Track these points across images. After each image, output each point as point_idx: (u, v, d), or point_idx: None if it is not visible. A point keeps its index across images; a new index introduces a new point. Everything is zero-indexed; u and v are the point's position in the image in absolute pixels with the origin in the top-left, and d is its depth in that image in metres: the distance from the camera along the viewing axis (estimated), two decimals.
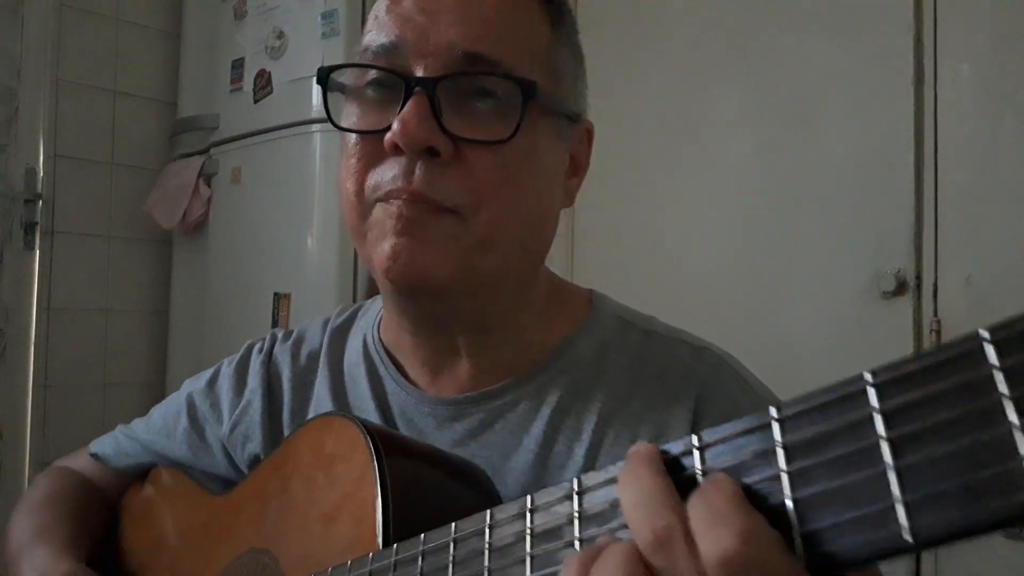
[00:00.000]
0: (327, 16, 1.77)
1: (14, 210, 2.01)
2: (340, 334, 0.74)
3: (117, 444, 0.83)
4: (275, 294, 1.84)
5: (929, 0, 1.40)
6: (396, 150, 0.55)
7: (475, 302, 0.59)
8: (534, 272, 0.63)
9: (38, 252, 2.02)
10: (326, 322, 0.76)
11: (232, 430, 0.73)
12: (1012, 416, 0.23)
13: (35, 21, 2.03)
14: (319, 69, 0.60)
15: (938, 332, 1.33)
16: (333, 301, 1.72)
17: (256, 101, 1.93)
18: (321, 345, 0.74)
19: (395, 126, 0.54)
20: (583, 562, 0.34)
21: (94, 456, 0.84)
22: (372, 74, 0.58)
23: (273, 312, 1.84)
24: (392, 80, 0.56)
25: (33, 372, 2.01)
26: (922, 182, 1.40)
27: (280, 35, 1.89)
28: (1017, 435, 0.23)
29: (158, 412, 0.82)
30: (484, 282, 0.58)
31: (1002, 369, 0.23)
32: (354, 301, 1.72)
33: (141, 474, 0.83)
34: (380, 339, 0.69)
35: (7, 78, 2.02)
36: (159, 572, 0.74)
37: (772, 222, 1.59)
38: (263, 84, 1.92)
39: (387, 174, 0.56)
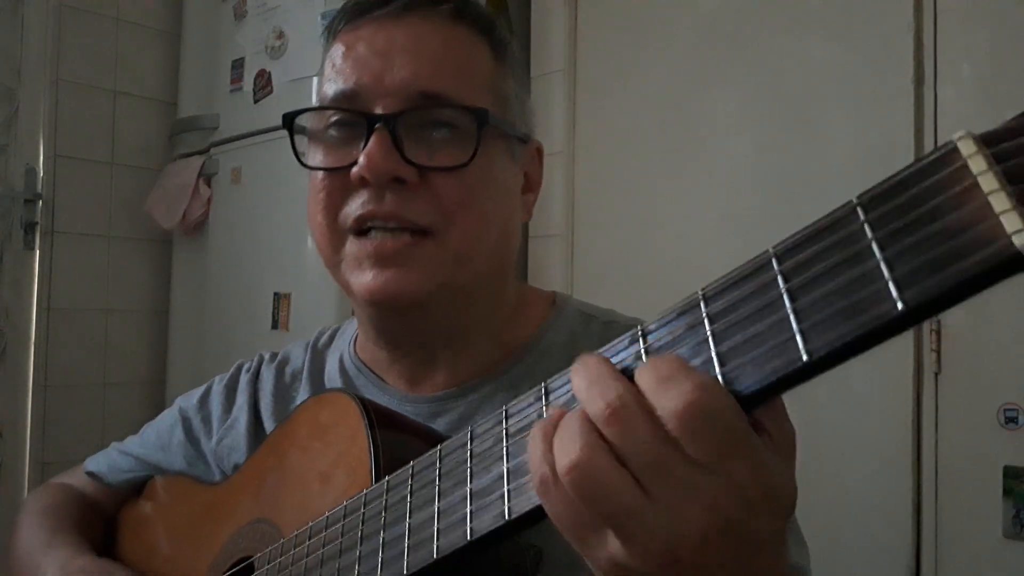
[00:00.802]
0: (327, 16, 1.77)
1: (14, 210, 2.01)
2: (320, 355, 0.79)
3: (112, 461, 0.86)
4: (275, 294, 1.84)
5: (929, 0, 1.40)
6: (363, 182, 0.59)
7: (453, 312, 0.64)
8: (503, 280, 0.68)
9: (38, 252, 2.02)
10: (307, 344, 0.81)
11: (219, 442, 0.78)
12: (876, 251, 0.30)
13: (35, 21, 2.03)
14: (284, 115, 0.65)
15: (938, 332, 1.33)
16: (333, 301, 1.72)
17: (256, 101, 1.93)
18: (303, 364, 0.78)
19: (361, 160, 0.58)
20: (544, 433, 0.36)
21: (90, 474, 0.86)
22: (333, 116, 0.63)
23: (273, 312, 1.84)
24: (353, 119, 0.61)
25: (33, 372, 2.01)
26: None
27: (280, 35, 1.89)
28: (882, 265, 0.29)
29: (151, 428, 0.85)
30: (461, 294, 0.63)
31: (867, 220, 0.30)
32: None
33: (137, 488, 0.84)
34: (357, 356, 0.74)
35: (7, 78, 2.02)
36: (162, 562, 0.75)
37: (772, 222, 1.59)
38: (263, 84, 1.92)
39: (355, 203, 0.60)
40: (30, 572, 0.74)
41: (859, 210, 0.31)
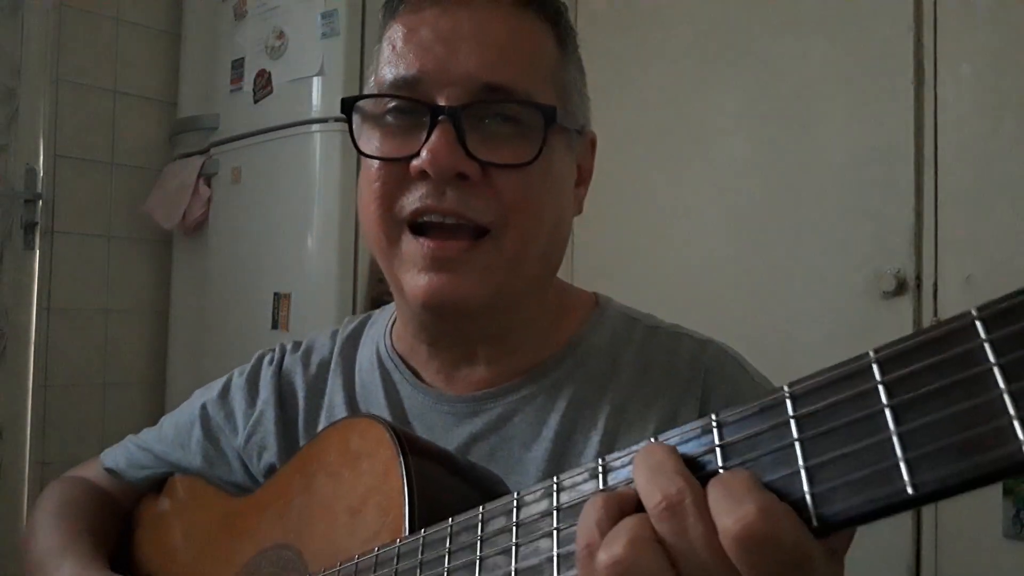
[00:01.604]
0: (327, 16, 1.77)
1: (14, 210, 2.01)
2: (351, 344, 0.76)
3: (130, 456, 0.83)
4: (275, 294, 1.84)
5: (929, 0, 1.40)
6: (424, 176, 0.57)
7: (502, 316, 0.62)
8: (551, 280, 0.67)
9: (38, 252, 2.02)
10: (334, 333, 0.78)
11: (247, 440, 0.75)
12: (1000, 382, 0.26)
13: (35, 21, 2.03)
14: (343, 100, 0.62)
15: None
16: (333, 301, 1.72)
17: (256, 101, 1.93)
18: (332, 354, 0.75)
19: (424, 155, 0.56)
20: (596, 518, 0.35)
21: (108, 471, 0.84)
22: (392, 102, 0.60)
23: (273, 312, 1.84)
24: (414, 108, 0.58)
25: (33, 372, 2.01)
26: (922, 182, 1.40)
27: (280, 35, 1.89)
28: (1006, 397, 0.26)
29: (169, 421, 0.82)
30: (514, 297, 0.61)
31: (990, 340, 0.27)
32: (353, 301, 1.72)
33: (156, 484, 0.83)
34: (393, 347, 0.71)
35: (7, 78, 2.01)
36: (179, 571, 0.74)
37: (772, 222, 1.59)
38: (263, 84, 1.92)
39: (414, 196, 0.58)
40: None
41: (978, 324, 0.27)
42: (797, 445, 0.31)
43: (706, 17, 1.70)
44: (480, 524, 0.43)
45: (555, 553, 0.38)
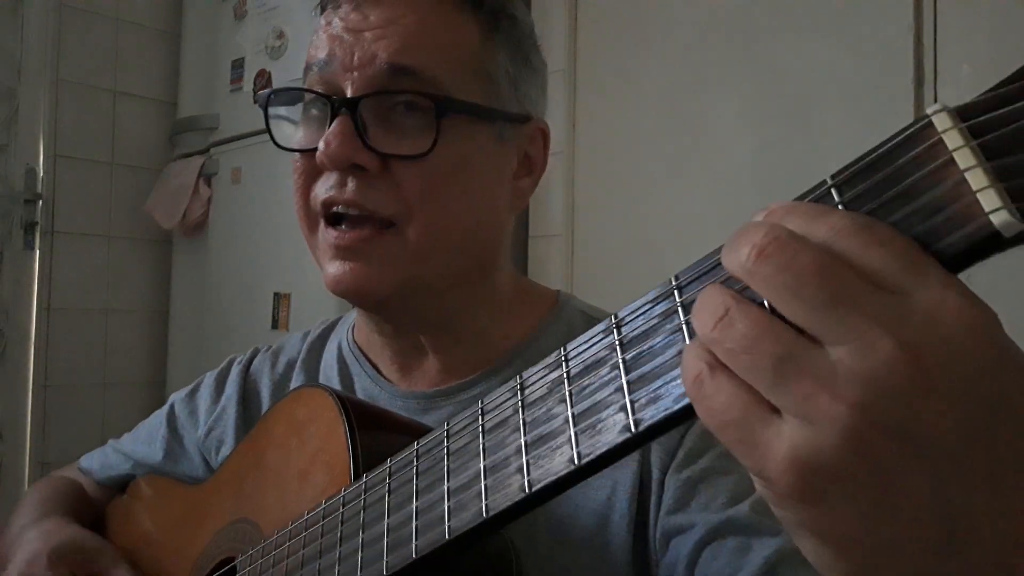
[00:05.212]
0: None
1: (14, 210, 2.01)
2: (319, 343, 0.77)
3: (104, 459, 0.86)
4: (275, 294, 1.84)
5: (929, 0, 1.40)
6: (326, 166, 0.58)
7: (423, 306, 0.62)
8: (482, 273, 0.65)
9: (38, 252, 2.02)
10: (306, 333, 0.80)
11: (207, 435, 0.77)
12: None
13: (35, 21, 2.03)
14: (259, 95, 0.65)
15: None
16: (333, 301, 1.71)
17: (256, 101, 1.93)
18: (299, 354, 0.77)
19: (320, 146, 0.57)
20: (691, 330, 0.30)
21: (82, 470, 0.87)
22: (308, 96, 0.61)
23: (273, 312, 1.84)
24: (319, 99, 0.60)
25: (33, 372, 2.01)
26: None
27: (280, 35, 1.89)
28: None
29: (144, 425, 0.85)
30: (427, 288, 0.61)
31: (842, 202, 0.29)
32: None
33: (123, 485, 0.85)
34: (354, 341, 0.73)
35: (7, 78, 2.02)
36: (145, 565, 0.75)
37: None
38: (263, 84, 1.92)
39: (323, 186, 0.59)
40: (16, 543, 0.73)
41: (833, 191, 0.30)
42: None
43: (706, 17, 1.70)
44: (416, 458, 0.44)
45: (482, 465, 0.39)
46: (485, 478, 0.39)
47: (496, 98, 0.62)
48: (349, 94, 0.58)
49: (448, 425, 0.43)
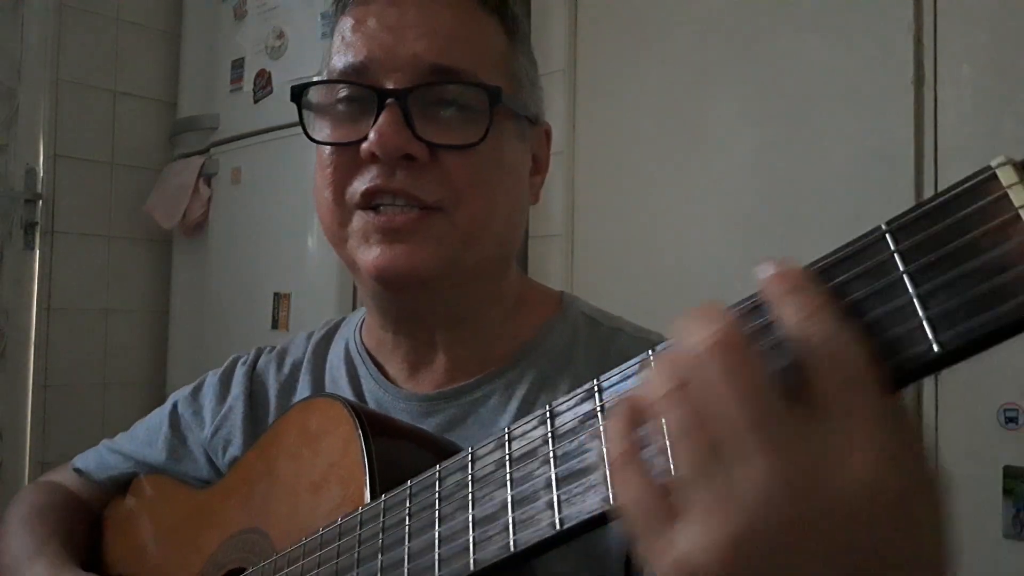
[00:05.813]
0: (327, 16, 1.77)
1: (14, 210, 2.01)
2: (323, 343, 0.77)
3: (100, 459, 0.85)
4: (275, 294, 1.84)
5: (929, 0, 1.40)
6: (373, 158, 0.58)
7: (456, 293, 0.63)
8: (506, 266, 0.67)
9: (38, 252, 2.02)
10: (311, 334, 0.80)
11: (214, 434, 0.76)
12: (910, 288, 0.27)
13: (35, 21, 2.03)
14: (292, 87, 0.63)
15: None
16: (333, 301, 1.72)
17: (256, 101, 1.94)
18: (304, 355, 0.77)
19: (372, 136, 0.57)
20: (619, 414, 0.34)
21: (77, 471, 0.85)
22: (343, 92, 0.61)
23: (273, 312, 1.84)
24: (363, 94, 0.60)
25: (33, 372, 2.01)
26: (922, 182, 1.40)
27: (280, 35, 1.89)
28: (916, 302, 0.27)
29: (142, 425, 0.84)
30: (466, 275, 0.62)
31: (898, 251, 0.28)
32: (354, 301, 1.73)
33: (123, 485, 0.83)
34: (362, 342, 0.73)
35: (7, 78, 2.01)
36: (149, 567, 0.74)
37: (772, 222, 1.59)
38: (263, 84, 1.92)
39: (364, 179, 0.59)
40: None
41: (888, 237, 0.29)
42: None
43: (706, 17, 1.70)
44: (437, 481, 0.44)
45: (509, 496, 0.39)
46: (513, 510, 0.38)
47: (520, 98, 0.64)
48: (391, 88, 0.58)
49: (472, 449, 0.43)
